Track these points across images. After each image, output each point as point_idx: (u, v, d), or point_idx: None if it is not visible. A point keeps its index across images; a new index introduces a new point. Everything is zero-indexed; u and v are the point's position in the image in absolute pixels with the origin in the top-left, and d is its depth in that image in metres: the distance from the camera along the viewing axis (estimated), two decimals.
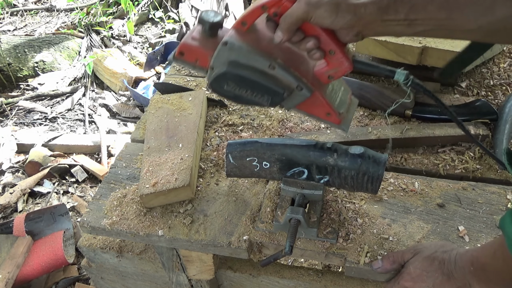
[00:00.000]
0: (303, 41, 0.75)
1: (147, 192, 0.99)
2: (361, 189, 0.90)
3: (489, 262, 0.76)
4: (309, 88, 0.78)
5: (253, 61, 0.76)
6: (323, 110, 0.82)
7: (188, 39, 0.82)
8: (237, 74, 0.77)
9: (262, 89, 0.78)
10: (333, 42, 0.73)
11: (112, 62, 3.47)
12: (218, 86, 0.80)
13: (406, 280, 0.86)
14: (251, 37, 0.77)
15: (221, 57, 0.78)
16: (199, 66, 0.83)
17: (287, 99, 0.79)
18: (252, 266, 1.14)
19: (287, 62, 0.77)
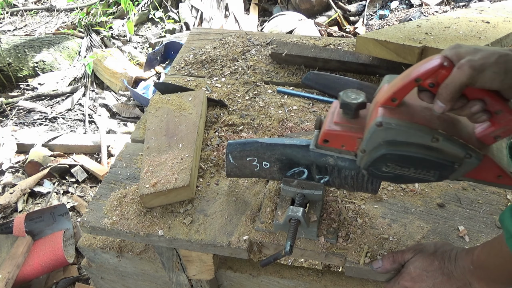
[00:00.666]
0: (466, 106, 0.69)
1: (147, 192, 0.99)
2: (361, 189, 0.90)
3: (488, 260, 0.76)
4: (478, 153, 0.71)
5: (413, 137, 0.71)
6: (493, 174, 0.75)
7: (331, 126, 0.78)
8: (398, 154, 0.72)
9: (428, 164, 0.72)
10: (499, 102, 0.68)
11: (112, 62, 3.47)
12: (376, 169, 0.75)
13: (406, 280, 0.86)
14: (404, 112, 0.72)
15: (376, 138, 0.73)
16: (346, 150, 0.79)
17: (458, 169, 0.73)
18: (252, 266, 1.14)
19: (448, 130, 0.71)
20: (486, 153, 0.73)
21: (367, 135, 0.73)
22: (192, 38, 1.71)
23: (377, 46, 1.33)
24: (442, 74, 0.67)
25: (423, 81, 0.68)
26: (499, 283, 0.77)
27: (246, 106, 1.33)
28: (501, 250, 0.68)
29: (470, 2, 4.04)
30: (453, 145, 0.70)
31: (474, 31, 1.41)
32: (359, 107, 0.76)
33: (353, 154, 0.80)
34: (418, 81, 0.68)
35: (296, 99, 1.36)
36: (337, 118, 0.78)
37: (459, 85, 0.66)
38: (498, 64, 0.64)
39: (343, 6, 4.33)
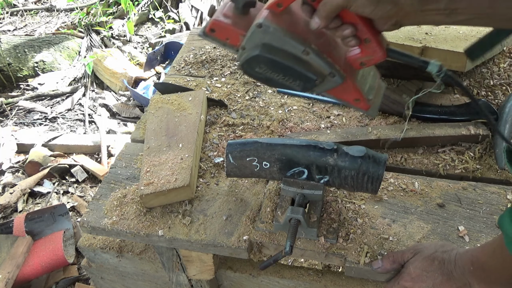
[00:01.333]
0: (339, 28, 0.73)
1: (147, 192, 0.99)
2: (361, 189, 0.90)
3: (488, 261, 0.76)
4: (342, 75, 0.76)
5: (287, 45, 0.74)
6: (352, 96, 0.81)
7: (219, 16, 0.79)
8: (270, 58, 0.75)
9: (295, 74, 0.76)
10: (369, 31, 0.72)
11: (112, 62, 3.47)
12: (249, 68, 0.78)
13: (406, 280, 0.86)
14: (285, 19, 0.75)
15: (255, 39, 0.75)
16: (230, 44, 0.81)
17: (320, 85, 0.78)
18: (252, 266, 1.14)
19: (321, 47, 0.75)
20: (350, 76, 0.78)
21: (248, 34, 0.76)
22: (192, 38, 1.71)
23: None
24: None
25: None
26: (499, 284, 0.77)
27: (246, 106, 1.33)
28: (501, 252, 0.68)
29: None
30: (321, 61, 0.75)
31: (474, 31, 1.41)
32: (248, 4, 0.78)
33: (235, 49, 0.81)
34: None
35: (296, 99, 1.36)
36: (227, 10, 0.80)
37: (336, 5, 0.69)
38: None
39: None
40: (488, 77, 1.40)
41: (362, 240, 0.93)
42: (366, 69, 0.84)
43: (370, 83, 0.84)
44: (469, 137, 1.15)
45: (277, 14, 0.74)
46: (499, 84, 1.37)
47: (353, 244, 0.93)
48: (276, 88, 1.03)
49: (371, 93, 0.83)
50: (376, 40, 0.73)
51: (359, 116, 1.27)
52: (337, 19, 0.72)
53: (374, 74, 0.87)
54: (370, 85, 0.84)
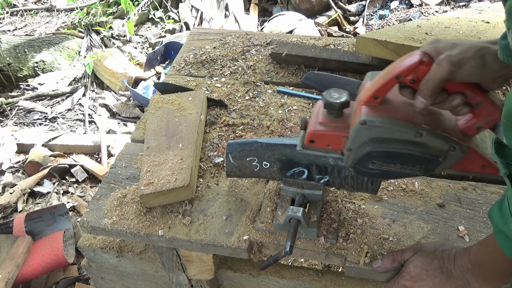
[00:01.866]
0: (447, 100, 0.70)
1: (147, 192, 0.99)
2: (361, 189, 0.90)
3: (483, 257, 0.76)
4: (463, 146, 0.72)
5: (397, 133, 0.72)
6: (478, 164, 0.76)
7: (316, 126, 0.79)
8: (383, 150, 0.73)
9: (414, 159, 0.73)
10: (479, 94, 0.69)
11: (112, 62, 3.47)
12: (363, 167, 0.76)
13: (406, 279, 0.86)
14: (386, 109, 0.73)
15: (360, 137, 0.73)
16: (332, 149, 0.80)
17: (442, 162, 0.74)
18: (252, 266, 1.14)
19: (432, 125, 0.72)
20: (470, 144, 0.74)
21: (352, 134, 0.74)
22: (192, 38, 1.71)
23: (377, 46, 1.33)
24: (422, 70, 0.68)
25: (404, 78, 0.69)
26: (495, 280, 0.78)
27: (246, 106, 1.33)
28: (494, 246, 0.69)
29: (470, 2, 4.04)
30: (437, 138, 0.71)
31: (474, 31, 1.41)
32: (342, 106, 0.76)
33: (339, 153, 0.80)
34: (399, 78, 0.69)
35: (296, 99, 1.36)
36: (321, 118, 0.79)
37: (439, 80, 0.67)
38: (475, 58, 0.65)
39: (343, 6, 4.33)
40: None
41: (362, 240, 0.93)
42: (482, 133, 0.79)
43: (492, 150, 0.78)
44: None
45: (377, 106, 0.72)
46: None
47: (353, 244, 0.93)
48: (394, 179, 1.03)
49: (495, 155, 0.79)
50: (488, 102, 0.70)
51: None
52: (443, 92, 0.69)
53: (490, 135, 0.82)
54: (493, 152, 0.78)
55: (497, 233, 0.68)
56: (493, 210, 0.69)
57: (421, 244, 0.89)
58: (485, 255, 0.76)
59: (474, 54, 0.66)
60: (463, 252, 0.81)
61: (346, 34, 3.97)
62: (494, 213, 0.68)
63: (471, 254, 0.79)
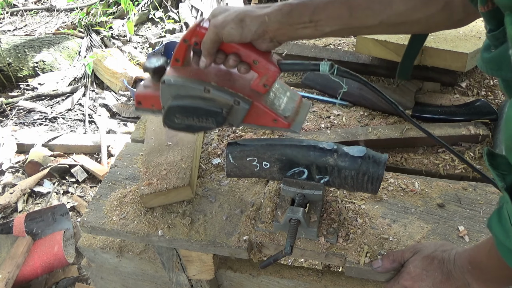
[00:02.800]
0: (226, 60, 0.79)
1: (147, 192, 0.99)
2: (361, 189, 0.90)
3: (484, 261, 0.76)
4: (246, 100, 0.81)
5: (190, 90, 0.82)
6: (269, 118, 0.85)
7: (140, 89, 0.88)
8: (180, 105, 0.82)
9: (204, 113, 0.82)
10: (253, 53, 0.78)
11: (112, 62, 3.47)
12: (170, 121, 0.85)
13: (405, 280, 0.86)
14: (186, 70, 0.83)
15: (165, 95, 0.83)
16: (157, 109, 0.88)
17: (231, 116, 0.83)
18: (252, 266, 1.14)
19: (223, 83, 0.82)
20: (259, 100, 0.83)
21: (160, 93, 0.84)
22: None
23: (377, 46, 1.33)
24: (201, 33, 0.78)
25: (189, 41, 0.80)
26: (496, 283, 0.77)
27: None
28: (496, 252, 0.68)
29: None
30: (222, 93, 0.81)
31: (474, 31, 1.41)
32: (157, 70, 0.85)
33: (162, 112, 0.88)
34: (186, 42, 0.80)
35: None
36: (146, 81, 0.88)
37: (210, 41, 0.77)
38: (235, 21, 0.75)
39: None
40: (488, 77, 1.40)
41: (362, 240, 0.93)
42: (279, 92, 0.89)
43: (286, 103, 0.88)
44: (469, 137, 1.15)
45: (179, 68, 0.83)
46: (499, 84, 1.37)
47: (353, 244, 0.93)
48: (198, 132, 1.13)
49: (288, 111, 0.87)
50: (263, 59, 0.79)
51: (359, 116, 1.27)
52: (221, 53, 0.79)
53: (291, 94, 0.91)
54: (286, 105, 0.88)
55: (499, 245, 0.66)
56: (492, 221, 0.68)
57: (421, 244, 0.89)
58: (486, 260, 0.75)
59: (235, 18, 0.75)
60: (463, 253, 0.81)
61: None
62: (494, 225, 0.67)
63: (471, 257, 0.79)
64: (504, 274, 0.74)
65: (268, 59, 0.79)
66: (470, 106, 1.23)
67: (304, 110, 0.91)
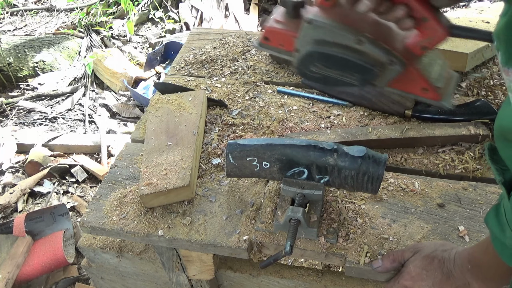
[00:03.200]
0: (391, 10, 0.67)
1: (147, 192, 0.99)
2: (361, 189, 0.90)
3: (483, 258, 0.76)
4: (402, 61, 0.71)
5: (339, 37, 0.71)
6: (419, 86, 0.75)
7: (272, 23, 0.77)
8: (324, 52, 0.72)
9: (352, 66, 0.72)
10: (425, 8, 0.66)
11: (112, 62, 3.47)
12: (305, 68, 0.75)
13: (406, 279, 0.86)
14: (336, 12, 0.71)
15: (306, 36, 0.73)
16: (285, 50, 0.79)
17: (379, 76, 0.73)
18: (252, 266, 1.14)
19: (376, 35, 0.71)
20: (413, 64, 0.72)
21: (300, 33, 0.73)
22: (192, 38, 1.71)
23: None
24: None
25: None
26: (495, 281, 0.78)
27: (246, 106, 1.33)
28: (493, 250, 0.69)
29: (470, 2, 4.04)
30: (377, 49, 0.70)
31: None
32: (297, 5, 0.75)
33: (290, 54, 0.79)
34: None
35: (296, 99, 1.36)
36: (278, 16, 0.78)
37: None
38: None
39: None
40: (488, 77, 1.40)
41: (362, 240, 0.93)
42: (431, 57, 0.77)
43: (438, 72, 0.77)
44: (469, 137, 1.15)
45: (327, 8, 0.71)
46: (499, 84, 1.37)
47: (353, 244, 0.93)
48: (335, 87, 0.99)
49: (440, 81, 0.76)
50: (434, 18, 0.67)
51: (359, 116, 1.27)
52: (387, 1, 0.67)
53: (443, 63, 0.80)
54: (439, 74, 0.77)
55: (494, 240, 0.67)
56: (489, 216, 0.68)
57: (421, 244, 0.89)
58: (484, 257, 0.76)
59: None
60: (463, 252, 0.81)
61: None
62: (491, 219, 0.67)
63: (471, 255, 0.79)
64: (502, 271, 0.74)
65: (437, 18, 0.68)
66: (470, 106, 1.23)
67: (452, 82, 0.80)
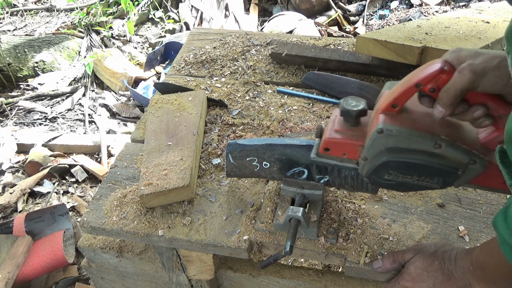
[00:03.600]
0: (468, 111, 0.68)
1: (147, 192, 0.99)
2: (361, 189, 0.90)
3: (486, 261, 0.76)
4: (483, 160, 0.70)
5: (415, 143, 0.69)
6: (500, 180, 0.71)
7: (332, 134, 0.77)
8: (400, 161, 0.71)
9: (431, 171, 0.71)
10: (502, 106, 0.66)
11: (112, 62, 3.47)
12: (378, 177, 0.75)
13: (406, 280, 0.86)
14: (404, 118, 0.71)
15: (377, 146, 0.72)
16: (347, 158, 0.78)
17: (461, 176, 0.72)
18: (252, 266, 1.14)
19: (451, 136, 0.70)
20: (491, 159, 0.70)
21: (369, 143, 0.72)
22: (192, 38, 1.71)
23: (377, 46, 1.33)
24: (443, 78, 0.66)
25: (424, 86, 0.67)
26: (497, 283, 0.77)
27: (246, 106, 1.33)
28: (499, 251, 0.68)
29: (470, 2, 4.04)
30: (457, 150, 0.69)
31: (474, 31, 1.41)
32: (360, 114, 0.75)
33: (355, 162, 0.79)
34: (419, 87, 0.67)
35: (296, 99, 1.36)
36: (338, 126, 0.77)
37: (460, 89, 0.65)
38: (499, 68, 0.63)
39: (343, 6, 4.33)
40: None
41: (362, 240, 0.93)
42: None
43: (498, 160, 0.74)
44: None
45: (395, 115, 0.70)
46: None
47: (353, 244, 0.93)
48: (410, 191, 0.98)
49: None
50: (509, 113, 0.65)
51: None
52: (463, 102, 0.67)
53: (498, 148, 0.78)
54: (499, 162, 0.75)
55: (502, 244, 0.66)
56: (498, 219, 0.67)
57: (421, 245, 0.88)
58: (488, 259, 0.75)
59: (498, 64, 0.63)
60: (465, 254, 0.81)
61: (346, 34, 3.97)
62: (499, 223, 0.66)
63: (473, 257, 0.79)
64: (506, 274, 0.74)
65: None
66: None
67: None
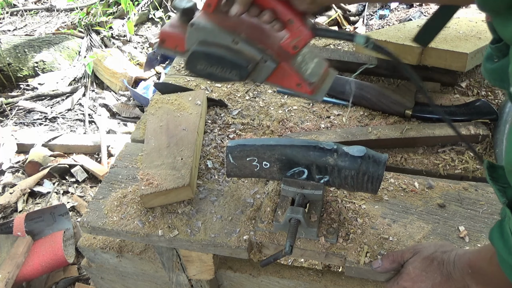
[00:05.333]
0: (261, 14, 0.78)
1: (147, 192, 0.99)
2: (361, 189, 0.90)
3: (485, 267, 0.75)
4: (274, 59, 0.80)
5: (218, 38, 0.80)
6: (293, 81, 0.84)
7: (166, 27, 0.86)
8: (205, 52, 0.81)
9: (229, 64, 0.81)
10: (290, 12, 0.77)
11: (112, 62, 3.47)
12: (192, 66, 0.84)
13: (405, 280, 0.86)
14: (217, 17, 0.82)
15: (192, 38, 0.82)
16: (179, 51, 0.87)
17: (256, 72, 0.82)
18: (252, 266, 1.14)
19: (253, 37, 0.81)
20: (286, 61, 0.81)
21: (186, 35, 0.82)
22: None
23: None
24: None
25: None
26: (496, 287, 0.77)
27: (246, 106, 1.33)
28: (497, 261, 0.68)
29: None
30: (251, 48, 0.80)
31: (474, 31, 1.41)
32: (187, 11, 0.84)
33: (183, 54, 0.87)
34: None
35: (296, 99, 1.35)
36: (173, 21, 0.87)
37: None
38: None
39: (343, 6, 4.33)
40: None
41: (362, 240, 0.93)
42: (307, 56, 0.87)
43: (312, 68, 0.87)
44: (469, 137, 1.15)
45: (209, 13, 0.81)
46: None
47: (353, 244, 0.93)
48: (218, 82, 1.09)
49: (314, 77, 0.86)
50: (299, 20, 0.77)
51: (359, 116, 1.27)
52: (256, 6, 0.77)
53: (319, 61, 0.89)
54: (313, 70, 0.87)
55: (502, 262, 0.66)
56: (494, 236, 0.67)
57: (421, 245, 0.88)
58: (488, 266, 0.75)
59: None
60: (463, 256, 0.81)
61: None
62: (496, 240, 0.66)
63: (472, 261, 0.78)
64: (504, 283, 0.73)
65: (303, 21, 0.78)
66: (470, 106, 1.23)
67: (329, 79, 0.90)
